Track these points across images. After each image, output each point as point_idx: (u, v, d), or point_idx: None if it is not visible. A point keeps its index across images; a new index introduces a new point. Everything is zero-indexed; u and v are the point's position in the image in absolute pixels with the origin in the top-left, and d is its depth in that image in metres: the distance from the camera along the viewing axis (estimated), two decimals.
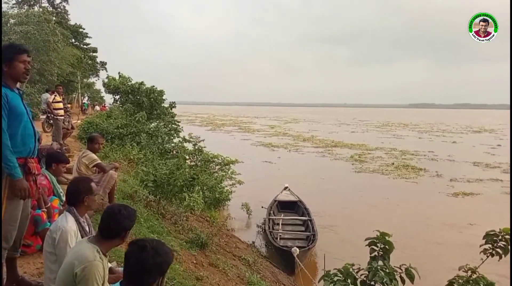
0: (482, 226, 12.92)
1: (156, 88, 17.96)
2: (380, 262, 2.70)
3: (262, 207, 12.76)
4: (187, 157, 14.77)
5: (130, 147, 12.74)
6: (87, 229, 3.13)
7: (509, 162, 18.90)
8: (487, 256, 2.78)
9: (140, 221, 5.94)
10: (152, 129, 14.96)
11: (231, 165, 14.50)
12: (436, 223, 12.73)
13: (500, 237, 2.75)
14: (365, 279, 2.71)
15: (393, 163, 24.32)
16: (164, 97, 18.34)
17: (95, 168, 5.73)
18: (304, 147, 33.51)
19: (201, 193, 10.46)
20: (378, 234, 2.84)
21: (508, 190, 17.23)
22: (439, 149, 31.35)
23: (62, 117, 10.48)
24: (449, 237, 11.38)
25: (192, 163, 13.66)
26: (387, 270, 2.62)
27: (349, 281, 2.76)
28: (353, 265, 2.85)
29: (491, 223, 10.91)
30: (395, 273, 2.64)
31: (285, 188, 14.21)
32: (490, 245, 2.78)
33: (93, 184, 3.20)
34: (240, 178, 14.37)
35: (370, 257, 2.82)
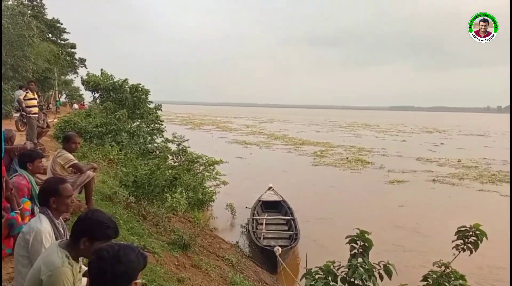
0: (408, 207, 14.22)
1: (143, 86, 17.64)
2: (360, 259, 2.69)
3: (246, 207, 12.72)
4: (171, 157, 14.59)
5: (110, 146, 12.48)
6: (63, 232, 3.02)
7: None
8: (459, 252, 2.84)
9: (120, 223, 5.81)
10: (133, 128, 14.66)
11: (215, 165, 14.39)
12: (372, 205, 15.02)
13: (471, 233, 2.80)
14: (345, 276, 2.71)
15: (347, 158, 27.22)
16: (149, 99, 18.03)
17: (71, 168, 5.57)
18: (275, 144, 36.25)
19: (184, 193, 10.35)
20: (358, 232, 2.84)
21: (432, 178, 20.44)
22: (390, 147, 34.97)
23: (36, 115, 10.18)
24: (380, 217, 13.23)
25: (176, 164, 13.50)
26: (366, 267, 2.62)
27: (330, 278, 2.75)
28: (333, 262, 2.84)
29: (414, 204, 13.64)
30: (374, 270, 2.64)
31: (269, 188, 14.19)
32: (461, 241, 2.83)
33: (64, 186, 3.05)
34: (225, 178, 14.29)
35: (350, 254, 2.82)
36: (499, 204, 15.43)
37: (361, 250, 2.72)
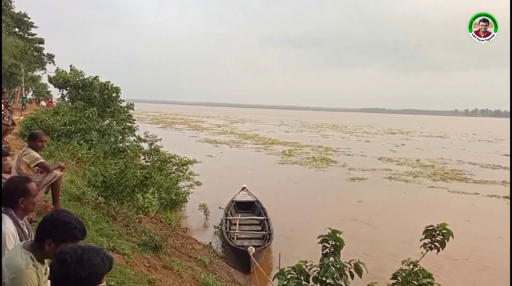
0: (365, 202, 14.93)
1: (112, 84, 17.20)
2: (332, 258, 2.70)
3: (220, 207, 12.66)
4: (143, 157, 14.31)
5: (78, 145, 12.11)
6: (27, 232, 2.89)
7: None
8: (427, 250, 2.90)
9: (88, 224, 5.65)
10: (104, 127, 14.28)
11: (188, 165, 14.23)
12: (333, 200, 16.19)
13: (438, 232, 2.86)
14: (317, 275, 2.71)
15: (313, 157, 28.27)
16: (120, 97, 17.59)
17: (37, 167, 5.36)
18: (245, 144, 37.05)
19: (156, 194, 10.18)
20: (330, 231, 2.85)
21: (389, 176, 21.77)
22: (355, 147, 36.56)
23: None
24: (340, 211, 14.16)
25: (148, 163, 13.26)
26: (338, 266, 2.63)
27: (302, 278, 2.75)
28: (306, 262, 2.84)
29: (371, 200, 14.70)
30: (345, 268, 2.66)
31: (243, 188, 14.17)
32: (429, 240, 2.89)
33: (31, 185, 2.94)
34: (198, 178, 14.15)
35: (322, 253, 2.83)
36: (447, 199, 16.90)
37: (333, 249, 2.73)
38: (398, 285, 2.83)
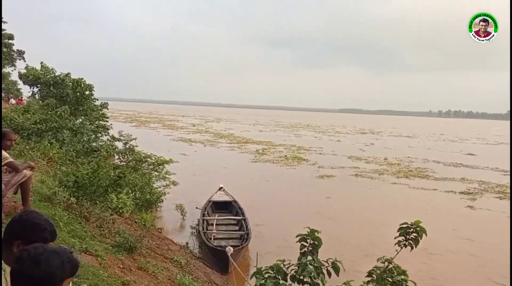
0: (333, 198, 15.90)
1: (85, 81, 16.74)
2: (310, 257, 2.69)
3: (197, 208, 12.56)
4: (117, 156, 14.01)
5: (49, 144, 11.73)
6: None
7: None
8: (401, 248, 2.93)
9: (60, 225, 5.48)
10: (76, 126, 13.89)
11: (165, 165, 14.03)
12: (302, 197, 16.77)
13: (412, 230, 2.90)
14: (295, 274, 2.70)
15: (285, 156, 29.04)
16: (94, 95, 17.13)
17: (6, 167, 5.15)
18: (219, 143, 37.52)
19: (131, 194, 9.99)
20: (308, 230, 2.84)
21: (356, 173, 22.80)
22: (327, 146, 37.77)
23: None
24: (307, 207, 14.95)
25: (123, 163, 12.99)
26: (316, 265, 2.63)
27: (279, 277, 2.73)
28: (284, 261, 2.83)
29: (338, 196, 15.95)
30: (323, 267, 2.66)
31: (220, 188, 14.09)
32: (403, 237, 2.92)
33: None
34: (174, 178, 13.99)
35: (300, 252, 2.82)
36: (407, 194, 18.20)
37: (311, 248, 2.73)
38: (373, 282, 2.86)
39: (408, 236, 2.95)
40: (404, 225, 2.99)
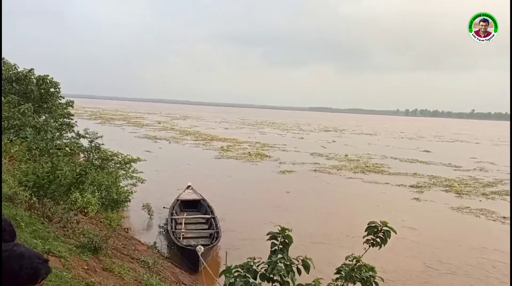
0: (292, 192, 16.77)
1: (52, 78, 16.13)
2: (280, 255, 2.70)
3: (164, 207, 12.37)
4: (83, 155, 13.60)
5: (10, 142, 11.22)
6: None
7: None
8: (369, 246, 2.99)
9: (21, 226, 5.27)
10: (40, 123, 13.38)
11: (132, 163, 13.72)
12: (263, 191, 17.40)
13: (379, 229, 2.96)
14: (265, 272, 2.70)
15: (249, 152, 29.53)
16: (59, 92, 16.54)
17: None
18: (185, 140, 37.75)
19: (97, 193, 9.73)
20: (279, 229, 2.84)
21: (315, 169, 23.69)
22: (290, 143, 38.73)
23: None
24: (266, 201, 15.57)
25: (87, 162, 12.60)
26: (286, 262, 2.64)
27: (249, 275, 2.72)
28: (254, 259, 2.81)
29: (297, 190, 16.68)
30: (293, 265, 2.67)
31: (188, 186, 13.93)
32: (372, 236, 2.98)
33: None
34: (141, 176, 13.69)
35: (270, 251, 2.82)
36: (362, 188, 19.23)
37: (281, 246, 2.73)
38: (341, 279, 2.90)
39: (376, 235, 3.00)
40: (373, 224, 3.04)
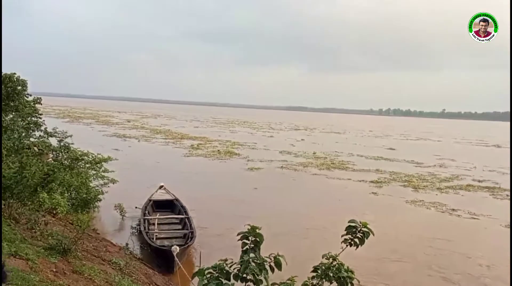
0: (259, 188, 17.50)
1: (19, 76, 15.57)
2: (252, 254, 2.71)
3: (136, 207, 12.19)
4: (51, 155, 13.20)
5: None
6: None
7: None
8: (347, 245, 3.03)
9: None
10: (6, 122, 12.90)
11: (103, 163, 13.43)
12: (230, 188, 17.81)
13: (358, 229, 3.01)
14: (237, 272, 2.70)
15: (219, 150, 30.00)
16: (27, 90, 15.97)
17: None
18: (155, 138, 37.83)
19: (66, 194, 9.47)
20: (249, 227, 2.84)
21: (282, 166, 24.35)
22: (261, 141, 39.49)
23: None
24: (236, 196, 16.07)
25: (55, 162, 12.24)
26: (258, 261, 2.65)
27: (222, 277, 2.72)
28: (226, 260, 2.81)
29: (264, 186, 17.43)
30: (265, 263, 2.69)
31: (161, 186, 13.77)
32: (350, 236, 3.02)
33: None
34: (111, 175, 13.43)
35: (242, 250, 2.82)
36: (326, 183, 20.17)
37: (253, 245, 2.75)
38: (317, 278, 2.93)
39: (354, 235, 3.02)
40: (352, 224, 3.05)
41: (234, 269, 2.75)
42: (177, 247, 8.06)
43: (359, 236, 3.00)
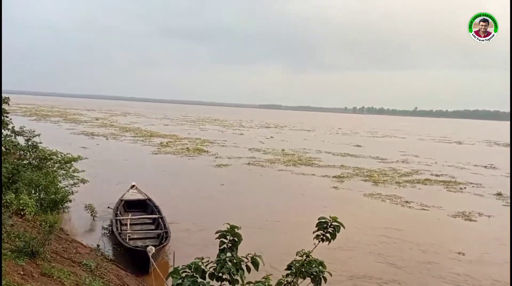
0: (226, 185, 17.86)
1: None
2: (229, 254, 2.70)
3: (108, 207, 11.92)
4: (18, 153, 12.73)
5: None
6: None
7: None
8: (319, 241, 3.06)
9: None
10: None
11: (72, 163, 13.06)
12: (198, 184, 18.09)
13: (329, 224, 3.05)
14: (213, 271, 2.68)
15: (187, 148, 30.17)
16: None
17: None
18: (124, 136, 37.58)
19: (34, 194, 9.17)
20: (228, 227, 2.83)
21: (250, 162, 24.82)
22: (230, 139, 39.76)
23: None
24: (203, 192, 16.46)
25: (25, 161, 11.83)
26: (235, 261, 2.64)
27: (197, 275, 2.69)
28: (202, 258, 2.79)
29: (230, 182, 18.02)
30: (242, 263, 2.68)
31: (132, 186, 13.51)
32: (322, 232, 3.06)
33: None
34: (83, 175, 13.09)
35: (219, 249, 2.80)
36: (290, 178, 20.69)
37: (230, 244, 2.73)
38: (292, 275, 2.95)
39: (325, 231, 3.06)
40: (323, 220, 3.09)
41: (210, 268, 2.73)
42: (153, 248, 7.92)
43: (330, 231, 3.04)
